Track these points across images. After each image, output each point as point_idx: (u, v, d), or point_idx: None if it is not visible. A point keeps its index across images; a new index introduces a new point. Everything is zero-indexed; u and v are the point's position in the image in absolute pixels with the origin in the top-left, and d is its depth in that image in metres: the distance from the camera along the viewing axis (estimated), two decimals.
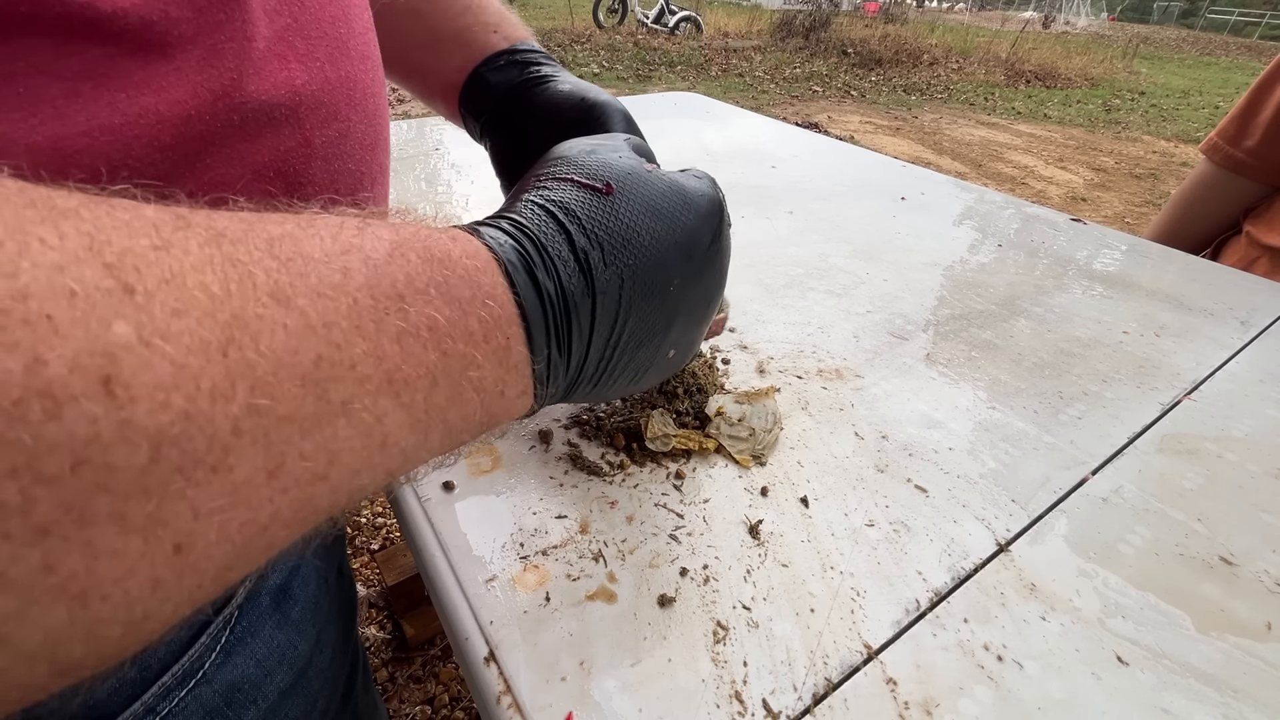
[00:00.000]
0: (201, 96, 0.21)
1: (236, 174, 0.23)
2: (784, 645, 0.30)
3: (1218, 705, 0.29)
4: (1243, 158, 0.85)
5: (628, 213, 0.25)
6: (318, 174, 0.26)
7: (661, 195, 0.26)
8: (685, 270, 0.26)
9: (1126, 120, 6.40)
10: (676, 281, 0.26)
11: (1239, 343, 0.56)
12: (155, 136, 0.20)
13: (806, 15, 9.23)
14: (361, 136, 0.29)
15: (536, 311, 0.22)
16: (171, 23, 0.20)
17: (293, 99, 0.24)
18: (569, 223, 0.24)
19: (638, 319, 0.25)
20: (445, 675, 1.09)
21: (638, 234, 0.24)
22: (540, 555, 0.34)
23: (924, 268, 0.66)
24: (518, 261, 0.22)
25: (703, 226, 0.27)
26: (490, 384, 0.21)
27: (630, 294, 0.24)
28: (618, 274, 0.24)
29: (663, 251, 0.25)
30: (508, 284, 0.21)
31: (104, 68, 0.19)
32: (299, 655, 0.33)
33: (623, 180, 0.25)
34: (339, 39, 0.26)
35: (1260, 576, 0.35)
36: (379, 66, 0.31)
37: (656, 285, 0.25)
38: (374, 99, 0.30)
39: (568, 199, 0.24)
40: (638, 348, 0.26)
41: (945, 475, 0.40)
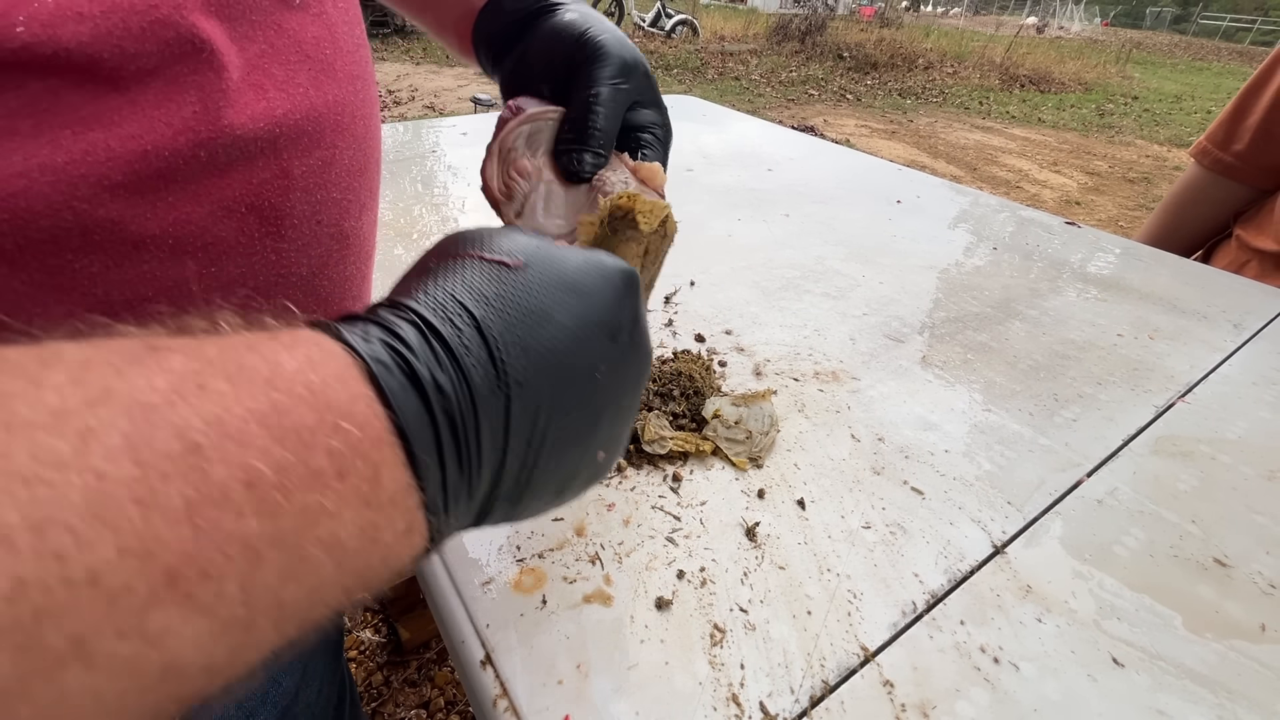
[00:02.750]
0: (160, 131, 0.19)
1: (204, 212, 0.21)
2: (781, 648, 0.30)
3: (1212, 706, 0.29)
4: (1231, 162, 0.86)
5: (542, 287, 0.21)
6: (297, 205, 0.25)
7: (577, 269, 0.22)
8: (611, 353, 0.22)
9: (1120, 124, 6.44)
10: (603, 367, 0.22)
11: (1232, 345, 0.56)
12: (105, 175, 0.18)
13: (802, 19, 9.27)
14: (349, 163, 0.27)
15: (420, 421, 0.17)
16: (126, 58, 0.18)
17: (271, 130, 0.22)
18: (473, 301, 0.19)
19: (561, 414, 0.21)
20: (441, 679, 1.08)
21: (555, 312, 0.20)
22: (537, 558, 0.34)
23: (919, 271, 0.66)
24: (389, 359, 0.17)
25: (623, 303, 0.23)
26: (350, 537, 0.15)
27: (553, 384, 0.20)
28: (536, 358, 0.20)
29: (586, 332, 0.21)
30: (374, 393, 0.16)
31: (45, 102, 0.17)
32: (284, 693, 0.32)
33: (532, 254, 0.21)
34: (323, 60, 0.25)
35: (1254, 578, 0.35)
36: (370, 84, 0.29)
37: (581, 372, 0.21)
38: (363, 121, 0.28)
39: (470, 276, 0.20)
40: (564, 451, 0.21)
41: (941, 477, 0.40)
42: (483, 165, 0.30)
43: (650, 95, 0.34)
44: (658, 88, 0.34)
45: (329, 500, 0.15)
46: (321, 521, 0.15)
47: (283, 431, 0.14)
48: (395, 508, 0.16)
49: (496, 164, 0.30)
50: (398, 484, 0.16)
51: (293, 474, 0.14)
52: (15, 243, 0.18)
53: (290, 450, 0.14)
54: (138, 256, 0.18)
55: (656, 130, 0.33)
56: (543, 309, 0.20)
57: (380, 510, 0.16)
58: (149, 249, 0.20)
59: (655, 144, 0.33)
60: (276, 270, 0.25)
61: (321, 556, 0.15)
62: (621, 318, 0.23)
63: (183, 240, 0.21)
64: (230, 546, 0.13)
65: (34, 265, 0.19)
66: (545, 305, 0.20)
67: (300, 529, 0.14)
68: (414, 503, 0.17)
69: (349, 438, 0.15)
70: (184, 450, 0.13)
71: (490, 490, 0.20)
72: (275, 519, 0.14)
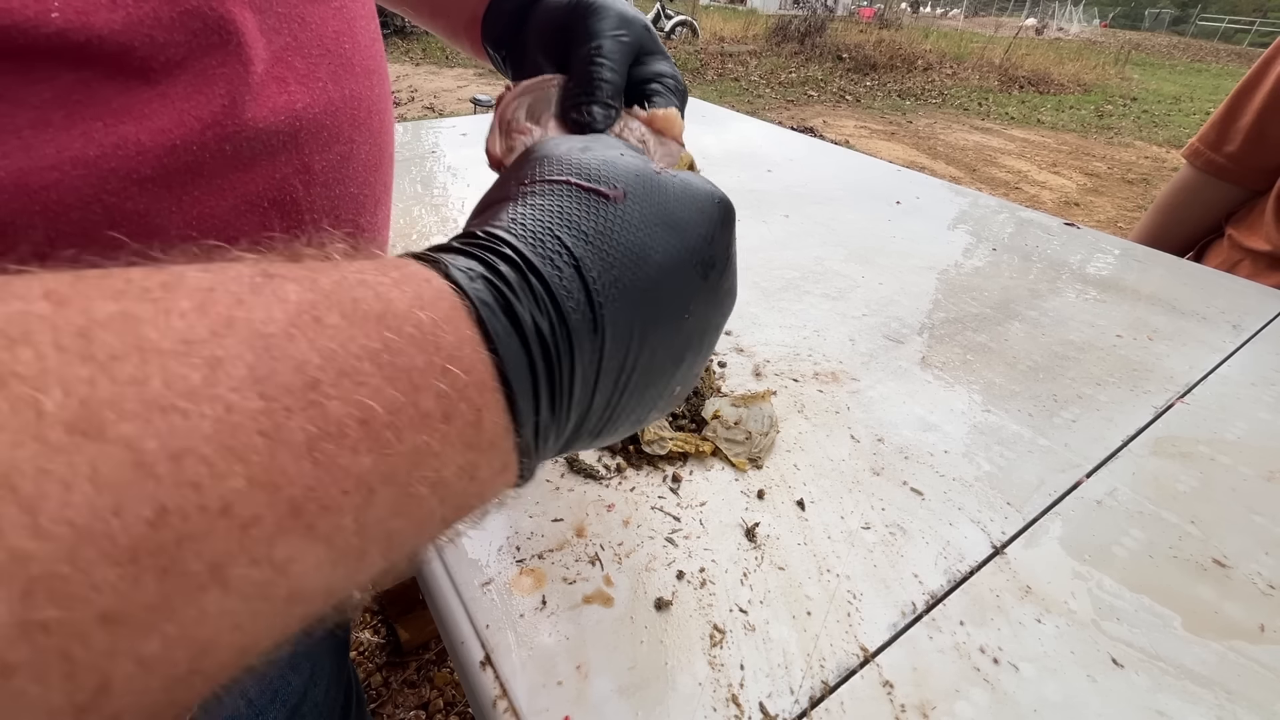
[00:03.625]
0: (189, 125, 0.19)
1: (227, 206, 0.21)
2: (780, 648, 0.30)
3: (1212, 707, 0.29)
4: (1223, 163, 0.86)
5: (642, 224, 0.20)
6: (317, 200, 0.25)
7: (676, 201, 0.21)
8: (702, 292, 0.22)
9: (1119, 126, 6.45)
10: (692, 306, 0.21)
11: (1231, 346, 0.56)
12: (135, 169, 0.18)
13: (802, 20, 9.28)
14: (366, 157, 0.27)
15: (521, 368, 0.17)
16: (157, 48, 0.18)
17: (292, 124, 0.22)
18: (571, 237, 0.19)
19: (649, 354, 0.20)
20: (440, 680, 1.08)
21: (653, 251, 0.20)
22: (537, 559, 0.34)
23: (919, 271, 0.66)
24: (493, 300, 0.17)
25: (720, 237, 0.22)
26: (453, 476, 0.16)
27: (644, 325, 0.20)
28: (633, 301, 0.19)
29: (681, 271, 0.21)
30: (480, 336, 0.16)
31: (78, 94, 0.17)
32: (293, 691, 0.32)
33: (632, 184, 0.20)
34: (342, 55, 0.25)
35: (1253, 578, 0.35)
36: (384, 80, 0.29)
37: (672, 312, 0.21)
38: (379, 116, 0.28)
39: (567, 207, 0.19)
40: (645, 389, 0.21)
41: (941, 478, 0.40)
42: (487, 142, 0.29)
43: (655, 47, 0.32)
44: (660, 42, 0.33)
45: (435, 441, 0.15)
46: (428, 461, 0.15)
47: (395, 371, 0.14)
48: (494, 449, 0.17)
49: (499, 136, 0.29)
50: (497, 427, 0.17)
51: (404, 414, 0.14)
52: (46, 235, 0.18)
53: (401, 391, 0.14)
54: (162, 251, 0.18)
55: (667, 80, 0.32)
56: (641, 247, 0.20)
57: (480, 452, 0.16)
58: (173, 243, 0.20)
59: (667, 92, 0.31)
60: None
61: (426, 493, 0.15)
62: (715, 253, 0.22)
63: (206, 235, 0.21)
64: (346, 481, 0.13)
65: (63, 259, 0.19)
66: (644, 243, 0.20)
67: (409, 467, 0.14)
68: (510, 444, 0.17)
69: (456, 381, 0.15)
70: (304, 385, 0.13)
71: (577, 427, 0.20)
72: (387, 457, 0.14)
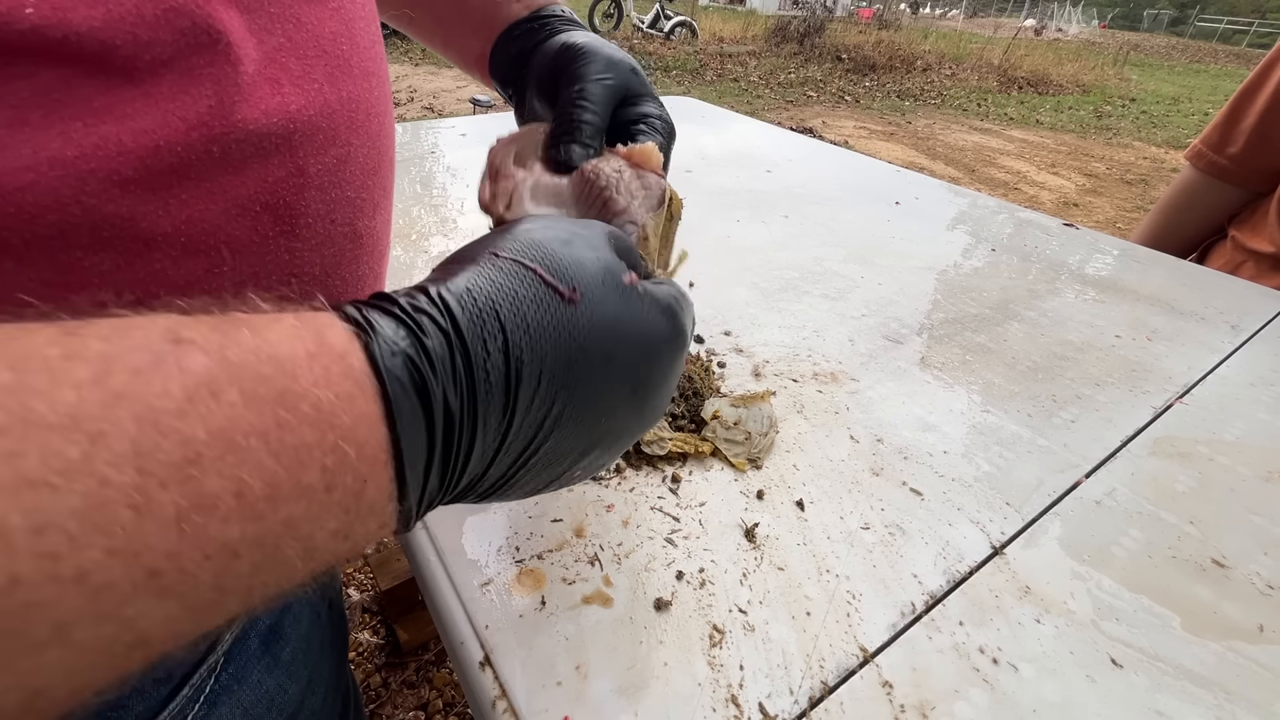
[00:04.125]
0: (174, 126, 0.19)
1: (217, 210, 0.21)
2: (780, 649, 0.30)
3: (1210, 707, 0.29)
4: (1226, 164, 0.86)
5: (587, 330, 0.20)
6: (312, 205, 0.24)
7: (631, 318, 0.21)
8: (627, 405, 0.22)
9: (1117, 126, 6.46)
10: (615, 414, 0.22)
11: (1229, 347, 0.56)
12: (116, 170, 0.18)
13: (801, 21, 9.28)
14: (364, 161, 0.27)
15: (419, 445, 0.17)
16: (140, 46, 0.18)
17: (285, 127, 0.22)
18: (513, 323, 0.19)
19: (555, 443, 0.21)
20: (439, 680, 1.08)
21: (590, 359, 0.20)
22: (536, 559, 0.34)
23: (918, 272, 0.66)
24: (407, 379, 0.17)
25: (664, 359, 0.23)
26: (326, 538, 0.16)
27: (555, 422, 0.20)
28: (548, 399, 0.20)
29: (611, 383, 0.21)
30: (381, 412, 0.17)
31: (57, 92, 0.17)
32: (289, 700, 0.32)
33: (594, 290, 0.20)
34: (340, 56, 0.24)
35: (1252, 579, 0.35)
36: (384, 82, 0.29)
37: (590, 417, 0.21)
38: (378, 119, 0.28)
39: (522, 294, 0.19)
40: (545, 468, 0.22)
41: (940, 478, 0.40)
42: (479, 188, 0.30)
43: (642, 89, 0.33)
44: (649, 84, 0.34)
45: (314, 508, 0.15)
46: (300, 527, 0.15)
47: (281, 448, 0.15)
48: (372, 514, 0.17)
49: (487, 181, 0.30)
50: (380, 495, 0.17)
51: (283, 488, 0.15)
52: (22, 238, 0.18)
53: (284, 466, 0.15)
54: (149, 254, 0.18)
55: (654, 121, 0.33)
56: (579, 351, 0.20)
57: (357, 517, 0.17)
58: (160, 247, 0.20)
59: (652, 131, 0.32)
60: (289, 270, 0.25)
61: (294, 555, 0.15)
62: (651, 377, 0.22)
63: (195, 238, 0.21)
64: (210, 547, 0.14)
65: (41, 261, 0.18)
66: (583, 348, 0.20)
67: (279, 532, 0.15)
68: (391, 509, 0.18)
69: (344, 457, 0.16)
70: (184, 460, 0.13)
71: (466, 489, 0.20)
72: (258, 524, 0.14)
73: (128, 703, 0.24)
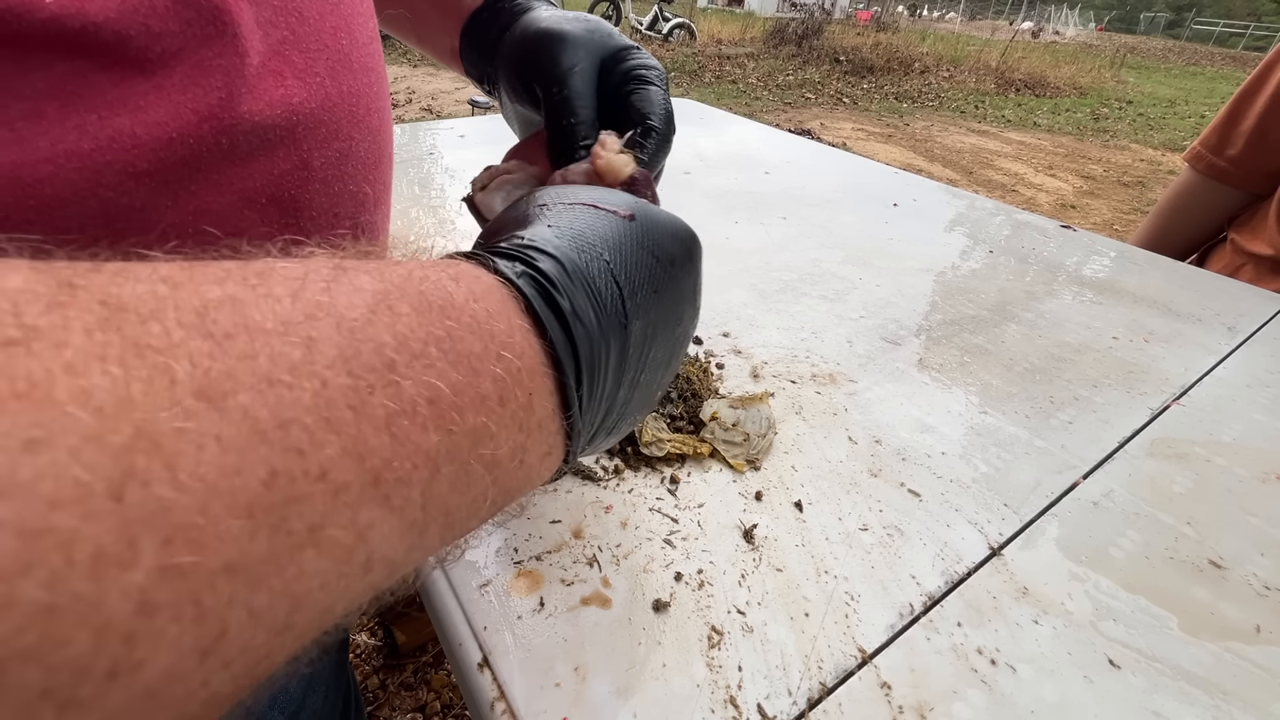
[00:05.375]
0: (185, 118, 0.19)
1: (225, 202, 0.21)
2: (778, 650, 0.30)
3: (1208, 708, 0.29)
4: (1225, 166, 0.87)
5: (652, 240, 0.22)
6: (316, 198, 0.24)
7: (670, 225, 0.24)
8: (691, 297, 0.25)
9: (1114, 129, 6.48)
10: (685, 315, 0.24)
11: (1226, 348, 0.57)
12: (130, 163, 0.18)
13: (799, 23, 9.30)
14: (365, 155, 0.27)
15: (567, 353, 0.18)
16: (153, 37, 0.18)
17: (289, 119, 0.22)
18: (600, 244, 0.20)
19: (653, 354, 0.23)
20: (437, 682, 1.08)
21: (660, 263, 0.22)
22: (534, 560, 0.34)
23: (916, 273, 0.67)
24: (536, 293, 0.18)
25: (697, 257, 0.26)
26: (506, 455, 0.17)
27: (655, 327, 0.22)
28: (647, 300, 0.21)
29: (680, 277, 0.23)
30: (530, 325, 0.18)
31: (73, 85, 0.17)
32: (291, 698, 0.32)
33: (635, 208, 0.23)
34: (340, 51, 0.25)
35: (1249, 579, 0.35)
36: (383, 78, 0.29)
37: (674, 318, 0.23)
38: (378, 114, 0.28)
39: (592, 222, 0.21)
40: (649, 387, 0.24)
41: (938, 480, 0.40)
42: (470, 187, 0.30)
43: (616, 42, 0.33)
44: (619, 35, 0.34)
45: (492, 422, 0.16)
46: (484, 441, 0.16)
47: (457, 357, 0.15)
48: (542, 432, 0.18)
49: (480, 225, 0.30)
50: (545, 411, 0.18)
51: (465, 396, 0.15)
52: (42, 231, 0.18)
53: (463, 375, 0.15)
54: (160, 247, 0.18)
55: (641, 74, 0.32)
56: (652, 263, 0.22)
57: (530, 434, 0.18)
58: (171, 239, 0.20)
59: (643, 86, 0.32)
60: None
61: (482, 473, 0.16)
62: (697, 266, 0.25)
63: (205, 230, 0.21)
64: (417, 456, 0.14)
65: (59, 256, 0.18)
66: (655, 255, 0.22)
67: (469, 446, 0.16)
68: (556, 428, 0.19)
69: (509, 366, 0.17)
70: (383, 366, 0.14)
71: (600, 421, 0.21)
72: (450, 435, 0.15)
73: None
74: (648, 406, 0.25)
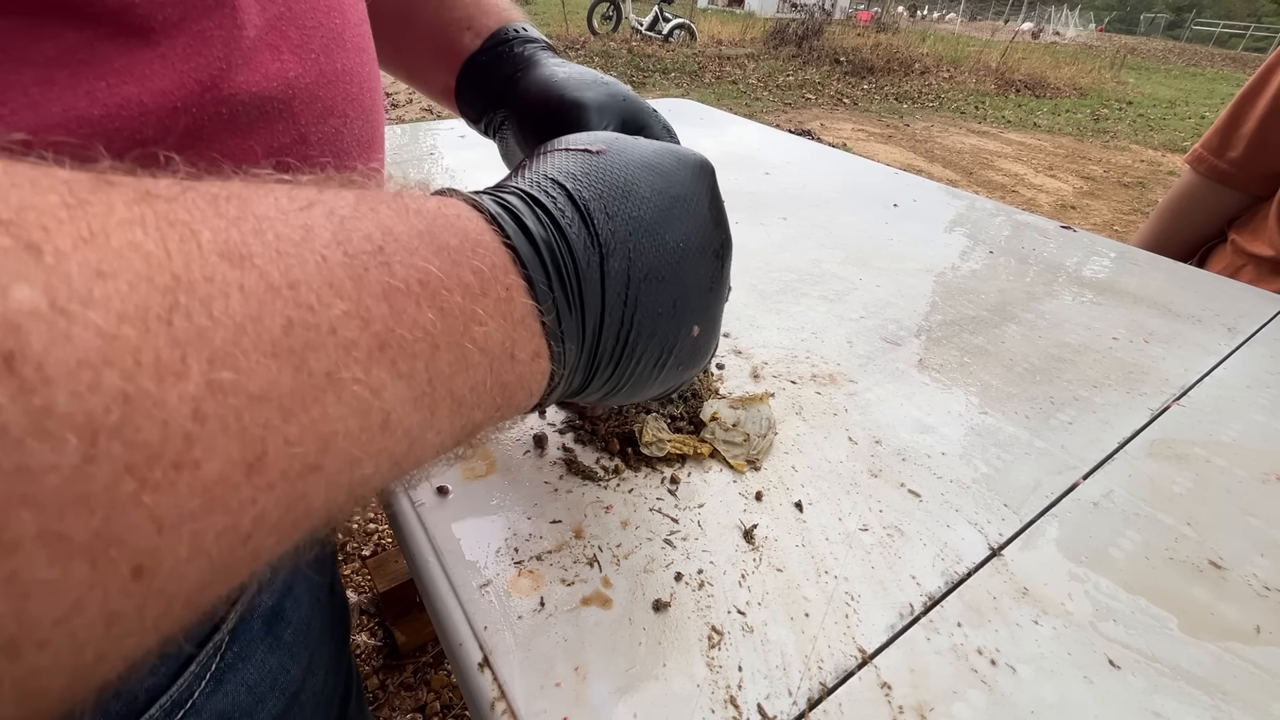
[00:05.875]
0: (189, 87, 0.20)
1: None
2: (779, 650, 0.30)
3: (1208, 708, 0.29)
4: (1226, 168, 0.87)
5: (623, 167, 0.23)
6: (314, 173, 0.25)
7: (653, 153, 0.25)
8: (691, 224, 0.25)
9: (1114, 129, 6.48)
10: (685, 237, 0.24)
11: (1226, 349, 0.57)
12: (138, 130, 0.19)
13: (799, 24, 9.30)
14: (359, 134, 0.27)
15: (534, 260, 0.20)
16: (155, 6, 0.18)
17: (285, 91, 0.23)
18: (563, 179, 0.22)
19: (654, 281, 0.23)
20: (437, 682, 1.08)
21: (636, 185, 0.23)
22: (535, 560, 0.34)
23: (916, 274, 0.67)
24: (503, 212, 0.20)
25: (698, 181, 0.26)
26: (497, 344, 0.18)
27: (639, 248, 0.23)
28: (624, 224, 0.22)
29: (665, 202, 0.24)
30: (496, 231, 0.19)
31: (82, 53, 0.17)
32: (291, 680, 0.32)
33: (611, 142, 0.24)
34: (333, 30, 0.25)
35: (1249, 580, 0.35)
36: (374, 61, 0.30)
37: (665, 240, 0.24)
38: (370, 95, 0.29)
39: (560, 163, 0.23)
40: (656, 319, 0.24)
41: (938, 480, 0.40)
42: None
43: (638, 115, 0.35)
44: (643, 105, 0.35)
45: (479, 308, 0.18)
46: (475, 326, 0.17)
47: (438, 246, 0.17)
48: (525, 329, 0.19)
49: None
50: (524, 308, 0.19)
51: (451, 280, 0.17)
52: None
53: (446, 263, 0.17)
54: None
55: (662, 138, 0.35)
56: (624, 183, 0.23)
57: (515, 328, 0.19)
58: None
59: None
60: None
61: (479, 358, 0.18)
62: (699, 191, 0.26)
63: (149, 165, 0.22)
64: (415, 330, 0.16)
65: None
66: (626, 180, 0.23)
67: (462, 329, 0.17)
68: (539, 329, 0.20)
69: (486, 259, 0.18)
70: (373, 249, 0.15)
71: (595, 344, 0.23)
72: (444, 315, 0.17)
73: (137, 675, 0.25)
74: (666, 360, 0.25)
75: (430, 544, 0.34)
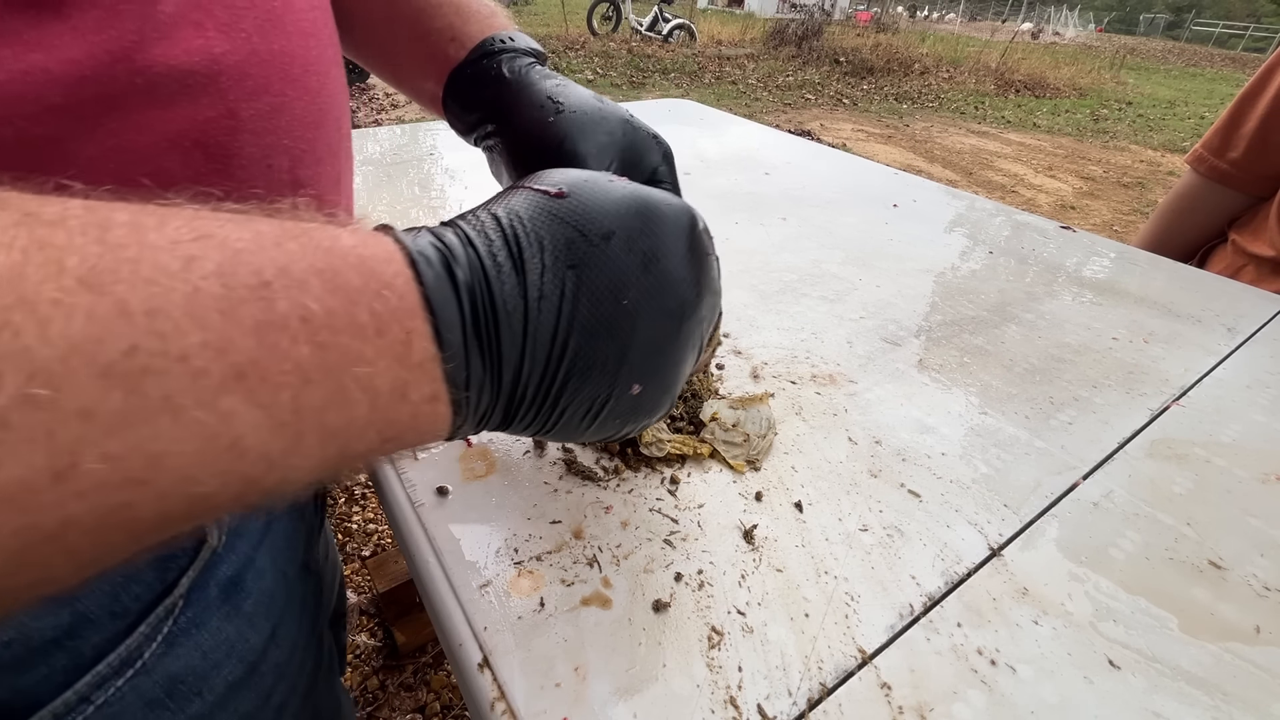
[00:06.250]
0: (99, 57, 0.21)
1: (147, 142, 0.23)
2: (779, 650, 0.30)
3: (1207, 708, 0.29)
4: (1227, 169, 0.87)
5: (576, 214, 0.23)
6: (246, 147, 0.26)
7: (616, 202, 0.24)
8: (641, 281, 0.23)
9: (1114, 130, 6.48)
10: (631, 294, 0.23)
11: (1226, 349, 0.57)
12: (43, 95, 0.20)
13: (799, 24, 9.31)
14: (302, 113, 0.28)
15: (449, 305, 0.20)
16: None
17: (210, 66, 0.24)
18: (509, 222, 0.22)
19: (587, 336, 0.22)
20: (437, 683, 1.08)
21: (588, 234, 0.22)
22: (535, 560, 0.34)
23: (916, 274, 0.67)
24: (432, 255, 0.20)
25: (672, 237, 0.24)
26: (385, 385, 0.18)
27: (574, 302, 0.22)
28: (558, 277, 0.22)
29: (612, 258, 0.23)
30: (413, 274, 0.19)
31: None
32: (250, 648, 0.33)
33: (575, 186, 0.24)
34: (271, 13, 0.26)
35: (1249, 580, 0.35)
36: (328, 45, 0.30)
37: (604, 295, 0.22)
38: (317, 76, 0.29)
39: (514, 203, 0.23)
40: (586, 373, 0.23)
41: (938, 480, 0.40)
42: None
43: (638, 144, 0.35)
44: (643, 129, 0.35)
45: (368, 349, 0.18)
46: (360, 365, 0.18)
47: (335, 286, 0.17)
48: (423, 373, 0.19)
49: None
50: (426, 353, 0.19)
51: (339, 319, 0.17)
52: None
53: (339, 302, 0.17)
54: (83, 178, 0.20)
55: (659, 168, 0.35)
56: (572, 233, 0.22)
57: (410, 371, 0.19)
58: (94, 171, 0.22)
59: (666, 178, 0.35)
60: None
61: (359, 396, 0.18)
62: (670, 247, 0.24)
63: (127, 166, 0.23)
64: (285, 363, 0.16)
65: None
66: (580, 228, 0.23)
67: (342, 365, 0.17)
68: (439, 374, 0.20)
69: (388, 303, 0.18)
70: (258, 284, 0.16)
71: (512, 392, 0.22)
72: (322, 351, 0.17)
73: (83, 633, 0.26)
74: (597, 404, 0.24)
75: (430, 544, 0.34)
